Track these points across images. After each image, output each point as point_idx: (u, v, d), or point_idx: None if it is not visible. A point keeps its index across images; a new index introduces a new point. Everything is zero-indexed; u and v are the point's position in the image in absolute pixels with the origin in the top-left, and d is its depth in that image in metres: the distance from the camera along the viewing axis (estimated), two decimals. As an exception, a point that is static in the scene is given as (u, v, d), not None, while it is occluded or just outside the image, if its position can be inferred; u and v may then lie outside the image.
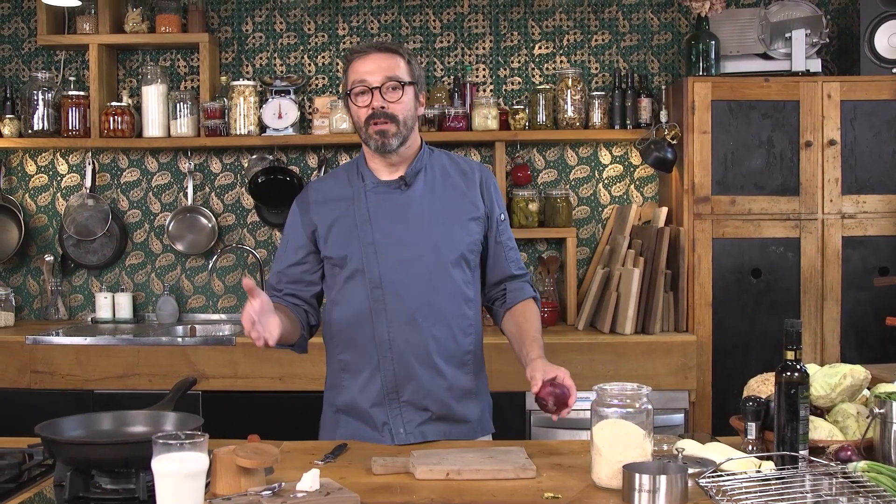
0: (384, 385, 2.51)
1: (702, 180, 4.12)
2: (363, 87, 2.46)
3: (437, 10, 4.68)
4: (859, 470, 1.96)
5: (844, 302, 4.13)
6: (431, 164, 2.59)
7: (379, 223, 2.51)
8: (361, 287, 2.50)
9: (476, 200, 2.58)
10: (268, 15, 4.71)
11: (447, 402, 2.52)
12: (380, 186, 2.55)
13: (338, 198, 2.57)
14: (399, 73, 2.47)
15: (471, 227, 2.56)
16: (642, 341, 4.05)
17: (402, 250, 2.49)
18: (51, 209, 4.78)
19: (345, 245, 2.52)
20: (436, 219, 2.52)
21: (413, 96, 2.52)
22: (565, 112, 4.43)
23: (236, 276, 4.75)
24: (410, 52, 2.55)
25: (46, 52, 4.73)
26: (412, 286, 2.48)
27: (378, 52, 2.49)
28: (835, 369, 2.25)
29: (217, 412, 3.91)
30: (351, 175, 2.60)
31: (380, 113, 2.45)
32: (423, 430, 2.51)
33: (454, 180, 2.59)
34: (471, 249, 2.56)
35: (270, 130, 4.48)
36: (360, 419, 2.55)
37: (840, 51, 4.59)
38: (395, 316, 2.48)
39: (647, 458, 2.02)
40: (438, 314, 2.50)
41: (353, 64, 2.50)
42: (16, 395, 4.10)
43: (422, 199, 2.54)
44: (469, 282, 2.57)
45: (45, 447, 2.02)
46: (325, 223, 2.55)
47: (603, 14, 4.66)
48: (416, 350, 2.49)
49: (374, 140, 2.48)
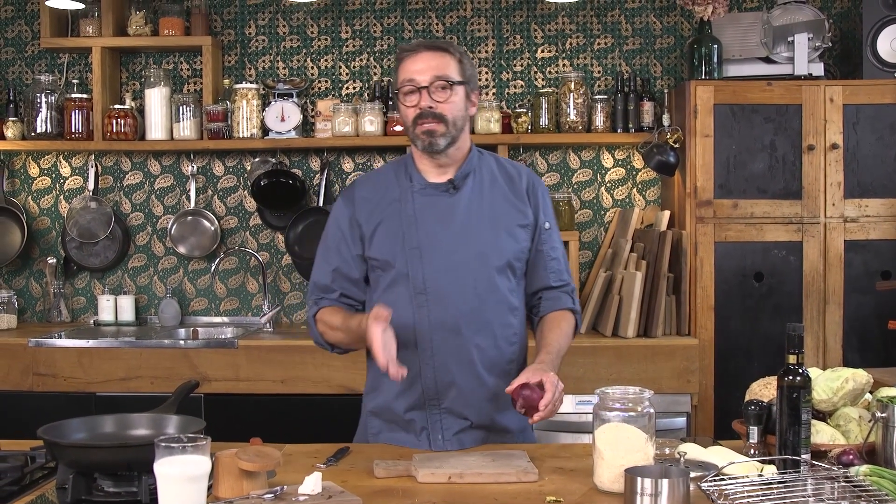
0: (424, 391, 2.45)
1: (704, 184, 4.12)
2: (411, 86, 2.42)
3: (439, 14, 4.69)
4: (861, 474, 1.96)
5: (847, 306, 4.13)
6: (480, 167, 2.54)
7: (425, 227, 2.46)
8: (405, 292, 2.45)
9: (524, 207, 2.53)
10: (271, 18, 4.72)
11: (489, 411, 2.47)
12: (427, 189, 2.49)
13: (384, 198, 2.52)
14: (449, 72, 2.42)
15: (519, 234, 2.51)
16: (644, 345, 4.05)
17: (447, 256, 2.45)
18: (53, 212, 4.78)
19: (389, 248, 2.47)
20: (483, 225, 2.48)
21: (463, 96, 2.46)
22: (568, 115, 4.43)
23: (239, 278, 4.75)
24: (462, 51, 2.49)
25: (50, 55, 4.74)
26: (457, 293, 2.44)
27: (428, 50, 2.44)
28: (837, 373, 2.25)
29: (219, 415, 3.90)
30: (399, 174, 2.54)
31: (427, 113, 2.40)
32: (462, 438, 2.46)
33: (502, 186, 2.53)
34: (517, 257, 2.51)
35: (273, 133, 4.48)
36: (396, 423, 2.51)
37: (842, 55, 4.59)
38: (438, 323, 2.43)
39: (649, 461, 2.02)
40: (482, 322, 2.45)
41: (403, 63, 2.45)
42: (18, 397, 4.11)
43: (469, 204, 2.49)
44: (514, 290, 2.52)
45: (48, 450, 2.02)
46: (371, 224, 2.50)
47: (606, 18, 4.67)
48: (459, 358, 2.44)
49: (420, 140, 2.43)
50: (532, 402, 2.22)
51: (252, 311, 4.74)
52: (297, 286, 4.73)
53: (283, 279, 4.74)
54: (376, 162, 4.70)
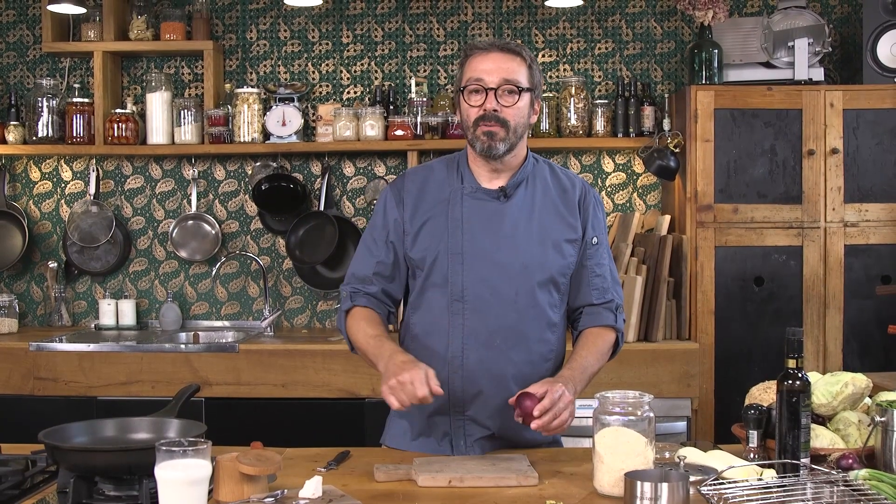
0: (451, 398, 2.39)
1: (704, 188, 4.12)
2: (478, 85, 2.35)
3: (440, 19, 4.70)
4: (860, 478, 1.96)
5: (847, 310, 4.14)
6: (534, 176, 2.47)
7: (470, 232, 2.40)
8: (442, 297, 2.40)
9: (574, 221, 2.46)
10: (272, 22, 4.73)
11: (514, 426, 2.35)
12: (478, 192, 2.43)
13: (433, 196, 2.45)
14: (518, 77, 2.36)
15: (566, 249, 2.44)
16: (645, 349, 4.05)
17: (490, 265, 2.38)
18: (55, 216, 4.79)
19: (432, 250, 2.41)
20: (530, 237, 2.41)
21: (528, 103, 2.40)
22: (568, 120, 4.44)
23: (240, 282, 4.75)
24: (533, 57, 2.42)
25: (51, 59, 4.75)
26: (496, 305, 2.38)
27: (500, 51, 2.37)
28: (836, 377, 2.26)
29: (220, 419, 3.91)
30: (451, 172, 2.47)
31: (491, 115, 2.34)
32: (483, 445, 2.43)
33: (554, 197, 2.46)
34: (562, 273, 2.44)
35: (274, 138, 4.49)
36: (421, 426, 2.47)
37: (843, 60, 4.59)
38: (472, 333, 2.38)
39: (649, 465, 2.03)
40: (519, 337, 2.39)
41: (472, 60, 2.38)
42: (19, 401, 4.11)
43: (519, 214, 2.42)
44: (555, 306, 2.46)
45: (49, 454, 2.02)
46: (416, 222, 2.43)
47: (606, 23, 4.67)
48: (490, 371, 2.38)
49: (480, 141, 2.36)
50: (528, 410, 2.19)
51: (253, 316, 4.74)
52: (298, 290, 4.74)
53: (284, 283, 4.74)
54: (377, 166, 4.70)
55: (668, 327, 4.17)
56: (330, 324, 4.72)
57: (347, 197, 4.73)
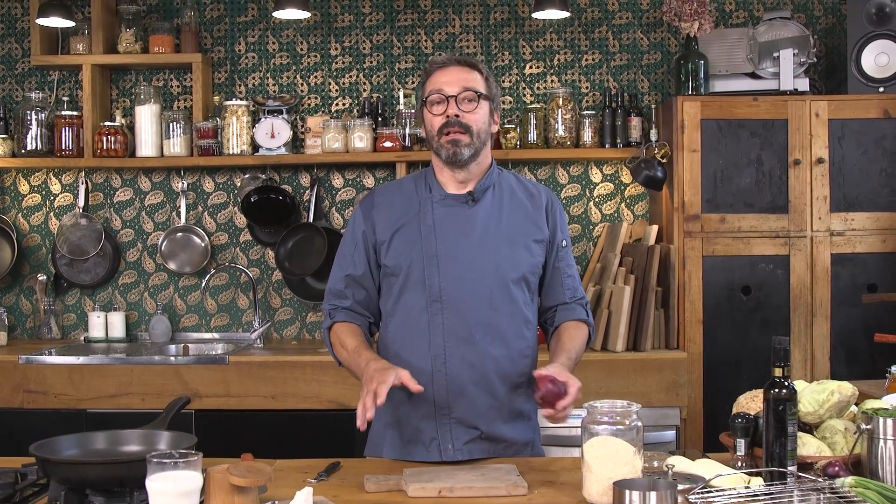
0: (436, 400, 2.46)
1: (692, 198, 4.15)
2: (440, 96, 2.47)
3: (428, 31, 4.72)
4: (847, 485, 1.98)
5: (834, 318, 4.16)
6: (500, 182, 2.58)
7: (444, 236, 2.49)
8: (420, 299, 2.48)
9: (541, 223, 2.57)
10: (260, 35, 4.74)
11: (498, 423, 2.49)
12: (447, 199, 2.53)
13: (403, 207, 2.55)
14: (476, 86, 2.48)
15: (534, 249, 2.55)
16: (634, 358, 4.07)
17: (464, 266, 2.47)
18: (44, 228, 4.79)
19: (406, 255, 2.49)
20: (501, 237, 2.51)
21: (488, 112, 2.51)
22: (556, 131, 4.46)
23: (229, 294, 4.76)
24: (489, 71, 2.56)
25: (40, 73, 4.75)
26: (472, 303, 2.46)
27: (458, 65, 2.50)
28: (823, 386, 2.28)
29: (210, 431, 3.91)
30: (419, 185, 2.58)
31: (454, 121, 2.45)
32: (471, 448, 2.47)
33: (521, 201, 2.57)
34: (532, 272, 2.55)
35: (263, 150, 4.50)
36: (408, 433, 2.51)
37: (827, 70, 4.63)
38: (452, 331, 2.46)
39: (638, 474, 2.04)
40: (497, 333, 2.48)
41: (433, 75, 2.51)
42: (8, 414, 4.10)
43: (488, 216, 2.52)
44: (528, 304, 2.55)
45: (40, 467, 2.03)
46: (387, 232, 2.53)
47: (593, 34, 4.70)
48: (472, 368, 2.46)
49: (445, 149, 2.47)
50: (552, 398, 2.26)
51: (242, 327, 4.74)
52: (288, 302, 4.74)
53: (274, 295, 4.75)
54: (366, 178, 4.72)
55: (657, 337, 4.19)
56: (319, 335, 4.72)
57: (336, 208, 4.74)
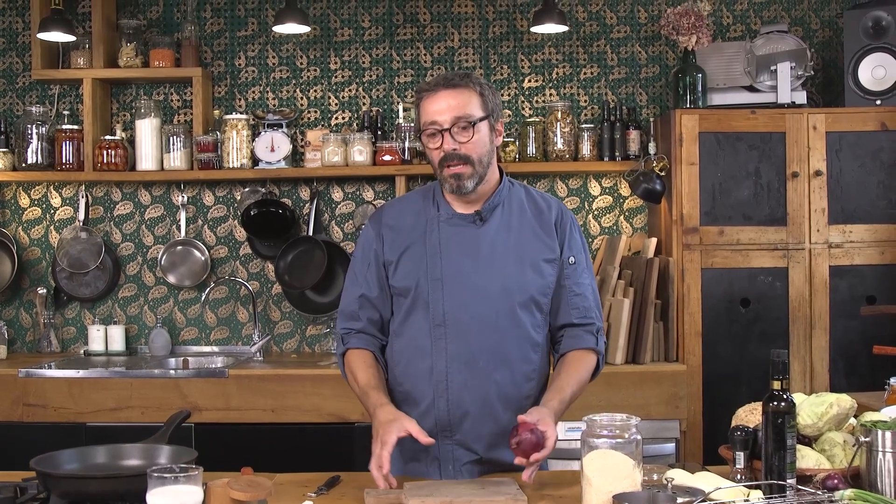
0: (437, 422, 2.43)
1: (690, 211, 4.16)
2: (433, 129, 2.39)
3: (427, 45, 4.74)
4: (846, 498, 1.98)
5: (833, 331, 4.17)
6: (510, 198, 2.51)
7: (449, 257, 2.44)
8: (424, 321, 2.43)
9: (551, 241, 2.49)
10: (260, 49, 4.76)
11: (500, 448, 2.42)
12: (454, 218, 2.47)
13: (410, 225, 2.50)
14: (469, 111, 2.38)
15: (544, 269, 2.47)
16: (633, 371, 4.07)
17: (469, 288, 2.42)
18: (44, 242, 4.79)
19: (412, 276, 2.44)
20: (508, 258, 2.44)
21: (487, 130, 2.42)
22: (555, 144, 4.48)
23: (229, 308, 4.76)
24: (483, 83, 2.44)
25: (41, 87, 4.77)
26: (477, 327, 2.41)
27: (447, 88, 2.39)
28: (821, 398, 2.28)
29: (210, 445, 3.89)
30: (427, 202, 2.52)
31: (452, 155, 2.37)
32: (471, 469, 2.45)
33: (530, 218, 2.50)
34: (542, 293, 2.47)
35: (263, 163, 4.51)
36: (409, 452, 2.48)
37: (825, 83, 4.65)
38: (455, 355, 2.41)
39: (637, 488, 2.04)
40: (501, 358, 2.42)
41: (423, 103, 2.41)
42: (8, 428, 4.10)
43: (495, 237, 2.46)
44: (538, 326, 2.48)
45: (41, 481, 2.03)
46: (395, 252, 2.48)
47: (591, 48, 4.72)
48: (474, 392, 2.41)
49: (449, 183, 2.40)
50: (529, 447, 2.19)
51: (242, 341, 4.75)
52: (287, 315, 4.75)
53: (274, 308, 4.75)
54: (365, 191, 4.73)
55: (656, 349, 4.19)
56: (319, 348, 4.72)
57: (336, 222, 4.75)
